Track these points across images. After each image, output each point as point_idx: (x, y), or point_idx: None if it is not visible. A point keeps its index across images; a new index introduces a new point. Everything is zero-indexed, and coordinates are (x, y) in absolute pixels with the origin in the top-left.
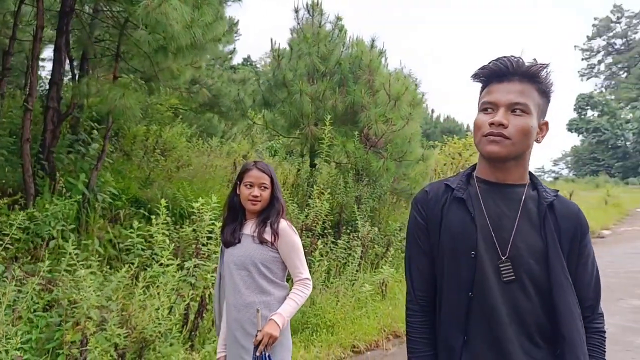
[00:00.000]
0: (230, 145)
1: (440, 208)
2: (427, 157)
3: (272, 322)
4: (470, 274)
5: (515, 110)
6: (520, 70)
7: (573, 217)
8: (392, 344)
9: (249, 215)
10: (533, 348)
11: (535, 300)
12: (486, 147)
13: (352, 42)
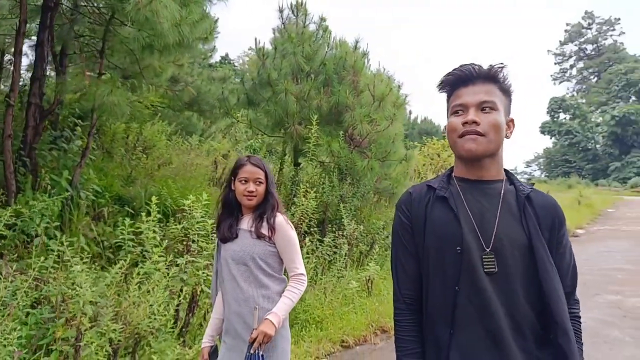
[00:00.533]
0: (209, 144)
1: (424, 208)
2: (409, 157)
3: (267, 321)
4: (456, 270)
5: (484, 109)
6: (482, 73)
7: (551, 208)
8: (379, 338)
9: (245, 210)
10: (520, 337)
11: (519, 290)
12: (464, 146)
13: (335, 43)
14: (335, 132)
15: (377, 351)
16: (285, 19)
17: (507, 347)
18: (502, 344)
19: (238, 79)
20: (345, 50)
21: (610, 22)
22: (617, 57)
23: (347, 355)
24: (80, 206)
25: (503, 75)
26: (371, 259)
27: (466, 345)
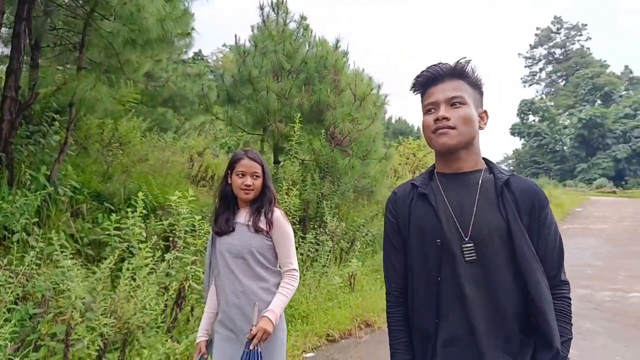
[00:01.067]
0: (183, 141)
1: (408, 206)
2: (389, 156)
3: (265, 318)
4: (437, 261)
5: (454, 104)
6: (448, 71)
7: (529, 191)
8: (364, 332)
9: (242, 204)
10: (500, 322)
11: (502, 276)
12: (437, 140)
13: (316, 42)
14: (317, 130)
15: (362, 344)
16: (266, 17)
17: (480, 335)
18: (477, 331)
19: (212, 76)
20: (326, 50)
21: (577, 27)
22: (583, 61)
23: (332, 349)
24: (58, 202)
25: (470, 70)
26: (353, 255)
27: (450, 333)
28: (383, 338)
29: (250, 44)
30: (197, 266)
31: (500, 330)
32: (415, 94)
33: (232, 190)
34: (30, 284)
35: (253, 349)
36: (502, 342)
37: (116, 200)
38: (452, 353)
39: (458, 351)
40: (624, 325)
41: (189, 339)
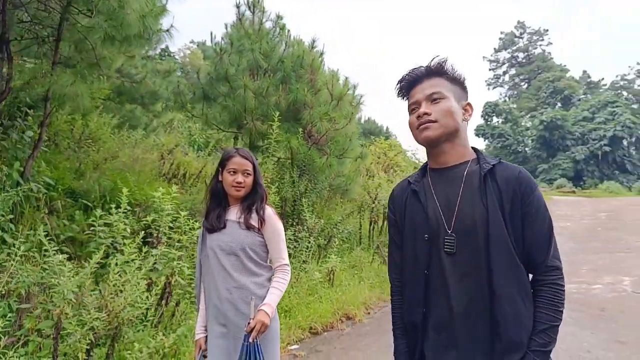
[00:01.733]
0: (152, 139)
1: (404, 203)
2: (364, 155)
3: (262, 312)
4: (425, 255)
5: (434, 100)
6: (426, 72)
7: (512, 180)
8: (345, 325)
9: (232, 201)
10: (470, 315)
11: (477, 268)
12: (420, 135)
13: (292, 41)
14: (294, 128)
15: (345, 336)
16: (242, 15)
17: (456, 327)
18: (453, 323)
19: (179, 73)
20: (302, 49)
21: (539, 32)
22: (545, 65)
23: (316, 341)
24: (31, 199)
25: (447, 67)
26: (331, 251)
27: (435, 325)
28: (364, 331)
29: (224, 41)
30: (183, 261)
31: (465, 325)
32: (403, 99)
33: (223, 187)
34: (15, 279)
35: (252, 342)
36: (476, 336)
37: (91, 197)
38: (437, 344)
39: (443, 342)
40: (589, 315)
41: (177, 333)
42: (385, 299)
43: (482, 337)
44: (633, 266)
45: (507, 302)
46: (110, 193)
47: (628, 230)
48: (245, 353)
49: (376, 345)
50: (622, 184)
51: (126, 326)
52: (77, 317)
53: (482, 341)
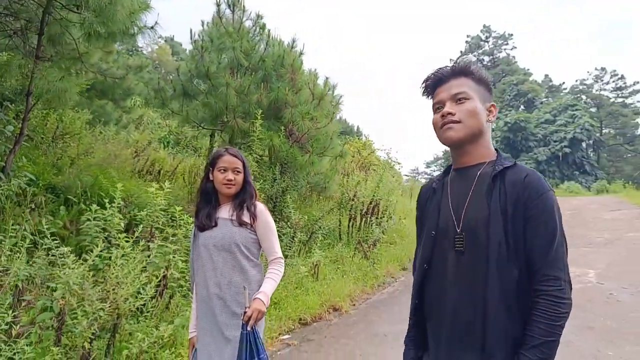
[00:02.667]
0: (124, 135)
1: (426, 200)
2: (344, 154)
3: (258, 300)
4: (429, 250)
5: (459, 100)
6: (452, 72)
7: (518, 183)
8: (333, 316)
9: (223, 199)
10: (464, 310)
11: (476, 270)
12: (443, 135)
13: (273, 41)
14: (274, 127)
15: (333, 326)
16: (222, 13)
17: (453, 321)
18: (444, 322)
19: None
20: (282, 49)
21: (504, 37)
22: (509, 69)
23: (306, 331)
24: (11, 194)
25: (473, 68)
26: (314, 246)
27: (428, 312)
28: (351, 321)
29: (202, 39)
30: (178, 255)
31: (465, 323)
32: (428, 98)
33: (214, 186)
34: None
35: (251, 330)
36: (466, 336)
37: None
38: (434, 337)
39: (437, 337)
40: None
41: (174, 324)
42: (368, 291)
43: (473, 343)
44: (596, 260)
45: (497, 311)
46: (91, 189)
47: (589, 227)
48: (245, 342)
49: (364, 334)
50: (581, 184)
51: (127, 317)
52: (81, 307)
53: (474, 346)
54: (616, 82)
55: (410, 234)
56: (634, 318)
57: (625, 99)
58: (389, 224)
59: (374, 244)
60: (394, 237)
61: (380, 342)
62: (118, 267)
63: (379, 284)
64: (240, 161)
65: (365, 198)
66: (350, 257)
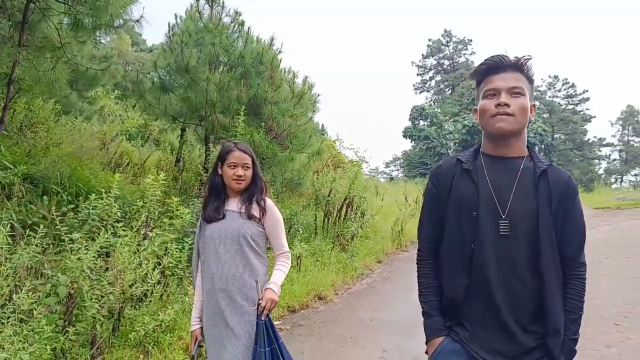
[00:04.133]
0: (89, 126)
1: (451, 179)
2: (322, 150)
3: (270, 290)
4: (473, 231)
5: (514, 93)
6: (511, 63)
7: (563, 182)
8: (319, 304)
9: (232, 194)
10: (518, 285)
11: (524, 250)
12: (495, 125)
13: (251, 38)
14: (254, 122)
15: (320, 313)
16: (202, 8)
17: (499, 305)
18: (497, 289)
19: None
20: (261, 47)
21: (464, 42)
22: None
23: (296, 317)
24: None
25: (528, 66)
26: (295, 239)
27: (475, 293)
28: (337, 308)
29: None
30: (176, 244)
31: (521, 305)
32: (472, 79)
33: (222, 180)
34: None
35: (265, 319)
36: (515, 310)
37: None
38: (479, 318)
39: (484, 317)
40: None
41: (175, 309)
42: (348, 282)
43: (527, 318)
44: None
45: (554, 289)
46: (69, 179)
47: None
48: (262, 331)
49: (351, 319)
50: None
51: (133, 302)
52: (91, 291)
53: (527, 321)
54: (567, 90)
55: (382, 230)
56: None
57: (576, 106)
58: (366, 219)
59: (352, 237)
60: (368, 232)
61: (366, 326)
62: (125, 254)
63: (357, 276)
64: (249, 157)
65: (341, 194)
66: (328, 251)
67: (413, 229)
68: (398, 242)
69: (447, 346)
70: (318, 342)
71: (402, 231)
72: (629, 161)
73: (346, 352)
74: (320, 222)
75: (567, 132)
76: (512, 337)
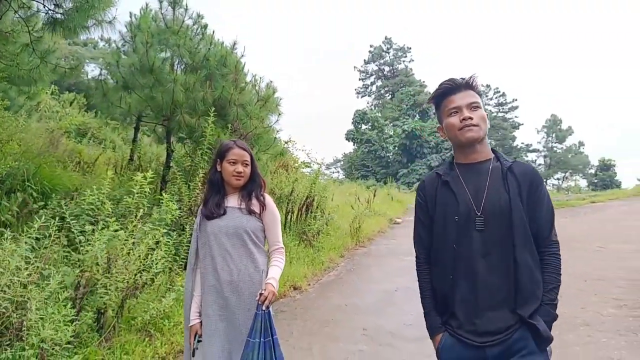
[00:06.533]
0: (29, 123)
1: (434, 190)
2: (284, 152)
3: (270, 284)
4: (455, 232)
5: (472, 107)
6: (463, 83)
7: (528, 173)
8: (295, 293)
9: (230, 190)
10: (496, 271)
11: (499, 241)
12: (465, 135)
13: (214, 41)
14: (219, 124)
15: (298, 301)
16: (165, 10)
17: (481, 291)
18: (477, 288)
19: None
20: (225, 50)
21: (404, 49)
22: (407, 80)
23: (276, 305)
24: None
25: (476, 83)
26: None
27: (461, 284)
28: (312, 297)
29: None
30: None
31: (501, 287)
32: (430, 103)
33: (221, 176)
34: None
35: (266, 310)
36: (494, 294)
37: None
38: (467, 306)
39: (471, 305)
40: None
41: (172, 297)
42: (317, 274)
43: (505, 297)
44: None
45: (526, 268)
46: (33, 177)
47: None
48: (261, 321)
49: (327, 305)
50: None
51: (136, 290)
52: (102, 280)
53: (505, 299)
54: (498, 98)
55: (341, 227)
56: None
57: (506, 113)
58: (330, 217)
59: (318, 233)
60: (329, 229)
61: (343, 310)
62: (130, 245)
63: (325, 268)
64: (248, 154)
65: (302, 194)
66: (295, 246)
67: (369, 227)
68: (357, 239)
69: (447, 341)
70: (303, 324)
71: (359, 228)
72: (552, 166)
73: (330, 331)
74: (283, 219)
75: (497, 138)
76: (495, 319)
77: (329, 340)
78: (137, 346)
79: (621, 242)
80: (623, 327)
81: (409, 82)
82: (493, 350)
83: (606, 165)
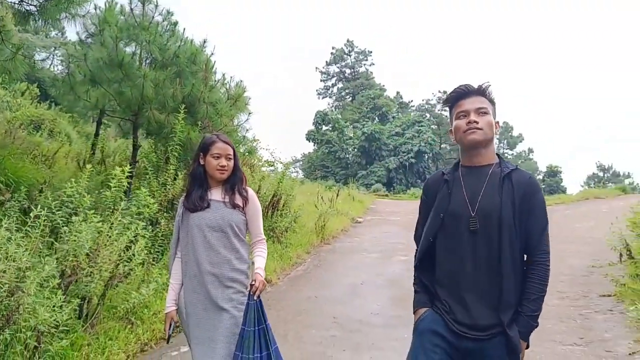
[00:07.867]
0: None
1: (437, 188)
2: (253, 150)
3: (258, 274)
4: (435, 228)
5: (480, 112)
6: (475, 90)
7: (523, 182)
8: (267, 287)
9: (213, 183)
10: (483, 271)
11: (488, 242)
12: (468, 137)
13: (184, 39)
14: (189, 121)
15: (270, 293)
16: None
17: (468, 279)
18: (465, 279)
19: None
20: (195, 48)
21: (365, 53)
22: (368, 83)
23: None
24: None
25: (489, 91)
26: None
27: (441, 281)
28: (283, 289)
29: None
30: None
31: (479, 283)
32: (445, 105)
33: (204, 170)
34: None
35: (257, 300)
36: (478, 292)
37: None
38: (447, 293)
39: (451, 292)
40: None
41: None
42: (286, 269)
43: (489, 296)
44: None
45: (509, 273)
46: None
47: None
48: (254, 310)
49: (298, 297)
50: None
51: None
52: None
53: (489, 299)
54: None
55: (306, 225)
56: None
57: None
58: (298, 214)
59: (286, 230)
60: (295, 226)
61: (313, 301)
62: (114, 236)
63: (293, 264)
64: (231, 148)
65: (269, 192)
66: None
67: (333, 225)
68: (322, 236)
69: (428, 316)
70: (277, 314)
71: (324, 227)
72: None
73: (304, 319)
74: None
75: (451, 143)
76: (477, 314)
77: (303, 327)
78: (119, 332)
79: (564, 243)
80: (565, 315)
81: (370, 85)
82: (468, 343)
83: (553, 172)
